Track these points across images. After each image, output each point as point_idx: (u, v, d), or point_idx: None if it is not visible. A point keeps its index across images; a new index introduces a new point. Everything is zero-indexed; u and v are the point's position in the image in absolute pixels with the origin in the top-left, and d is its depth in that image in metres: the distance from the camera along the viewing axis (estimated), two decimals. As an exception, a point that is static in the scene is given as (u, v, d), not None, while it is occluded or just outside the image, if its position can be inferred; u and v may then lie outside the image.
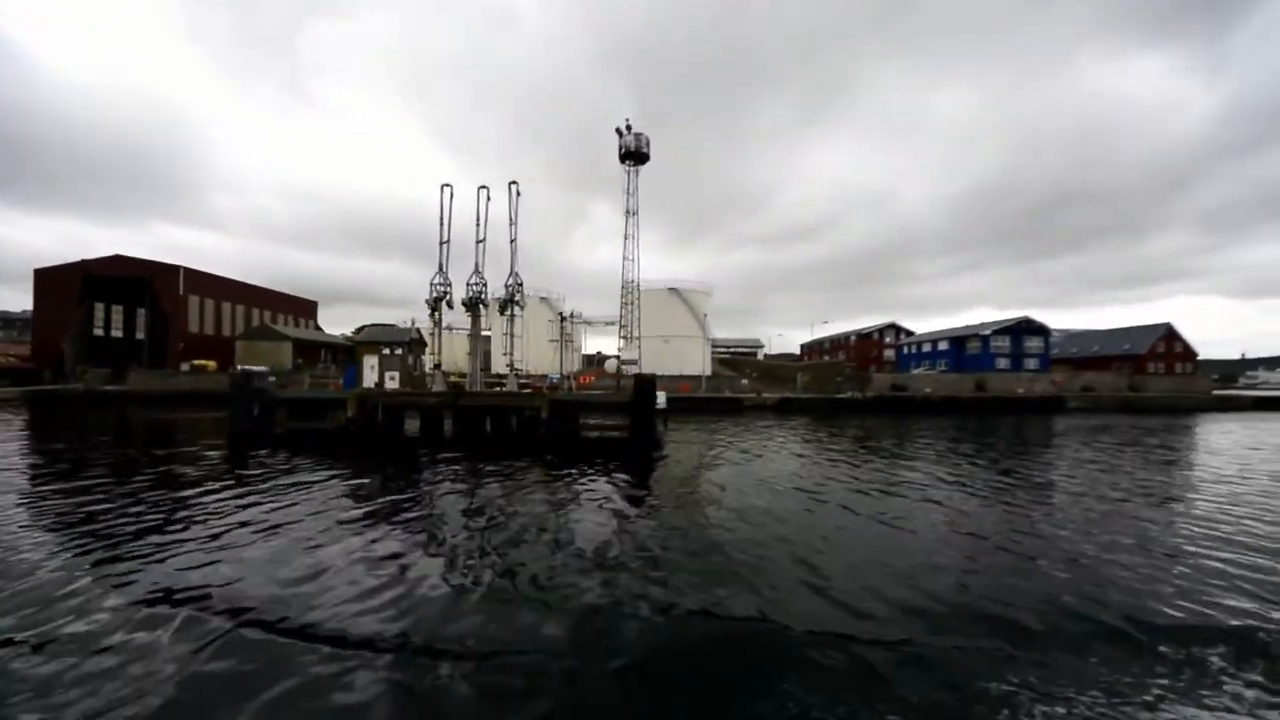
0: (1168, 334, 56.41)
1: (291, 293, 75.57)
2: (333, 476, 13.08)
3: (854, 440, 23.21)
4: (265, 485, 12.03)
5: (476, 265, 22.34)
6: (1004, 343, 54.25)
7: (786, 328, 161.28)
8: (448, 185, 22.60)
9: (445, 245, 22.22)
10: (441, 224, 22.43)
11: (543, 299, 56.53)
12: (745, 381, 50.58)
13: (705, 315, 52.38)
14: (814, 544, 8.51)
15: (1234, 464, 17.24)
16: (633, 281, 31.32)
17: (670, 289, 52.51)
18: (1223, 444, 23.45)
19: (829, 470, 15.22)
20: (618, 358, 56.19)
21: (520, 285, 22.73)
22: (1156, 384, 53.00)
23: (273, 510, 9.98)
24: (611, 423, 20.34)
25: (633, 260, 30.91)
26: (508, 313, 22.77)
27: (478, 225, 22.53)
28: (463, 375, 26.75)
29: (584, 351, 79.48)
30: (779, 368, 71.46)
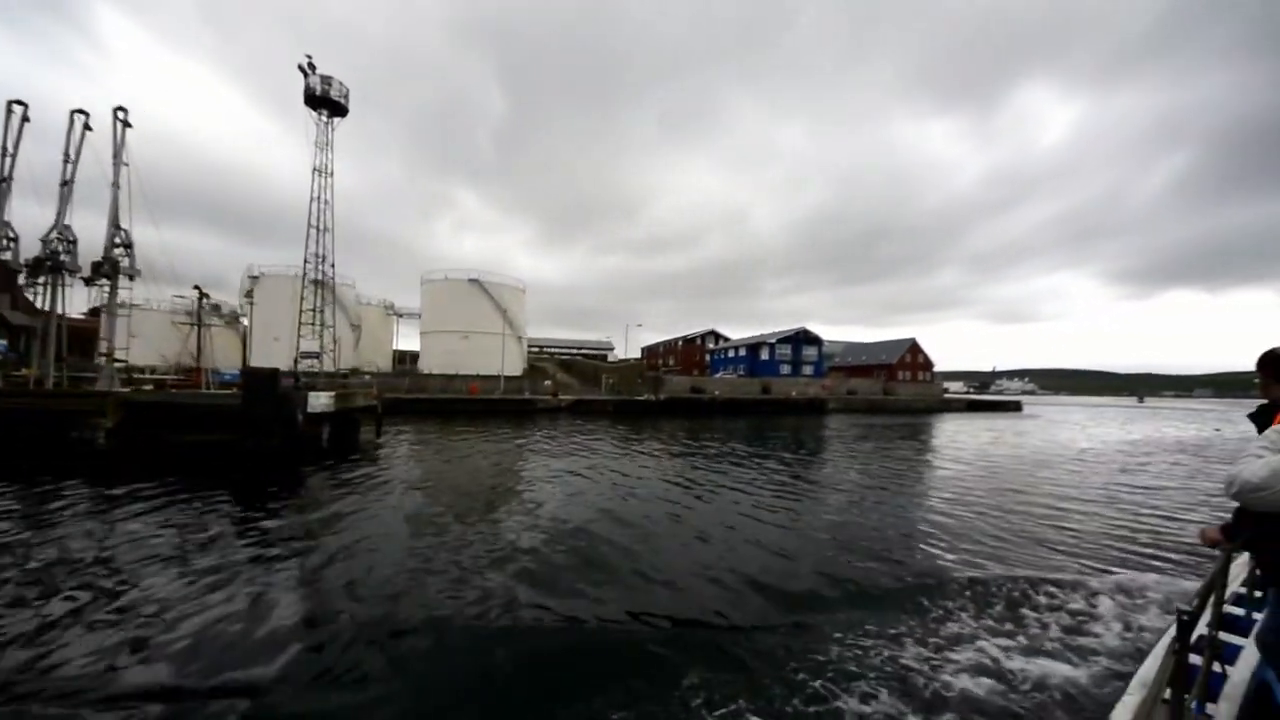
0: (913, 347, 67.49)
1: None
2: None
3: (607, 438, 22.27)
4: None
5: (58, 216, 16.83)
6: (786, 350, 60.04)
7: (655, 332, 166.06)
8: (19, 103, 16.76)
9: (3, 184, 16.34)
10: (5, 154, 16.52)
11: (317, 281, 48.91)
12: (548, 383, 48.84)
13: (507, 310, 49.56)
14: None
15: (946, 449, 22.44)
16: (318, 255, 27.22)
17: (471, 280, 48.79)
18: (938, 435, 28.26)
19: (515, 479, 13.40)
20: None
21: (129, 247, 17.61)
22: (904, 389, 62.68)
23: None
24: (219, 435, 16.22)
25: (322, 229, 26.85)
26: (99, 284, 17.47)
27: (66, 162, 17.03)
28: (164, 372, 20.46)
29: (396, 347, 71.93)
30: (601, 369, 71.66)
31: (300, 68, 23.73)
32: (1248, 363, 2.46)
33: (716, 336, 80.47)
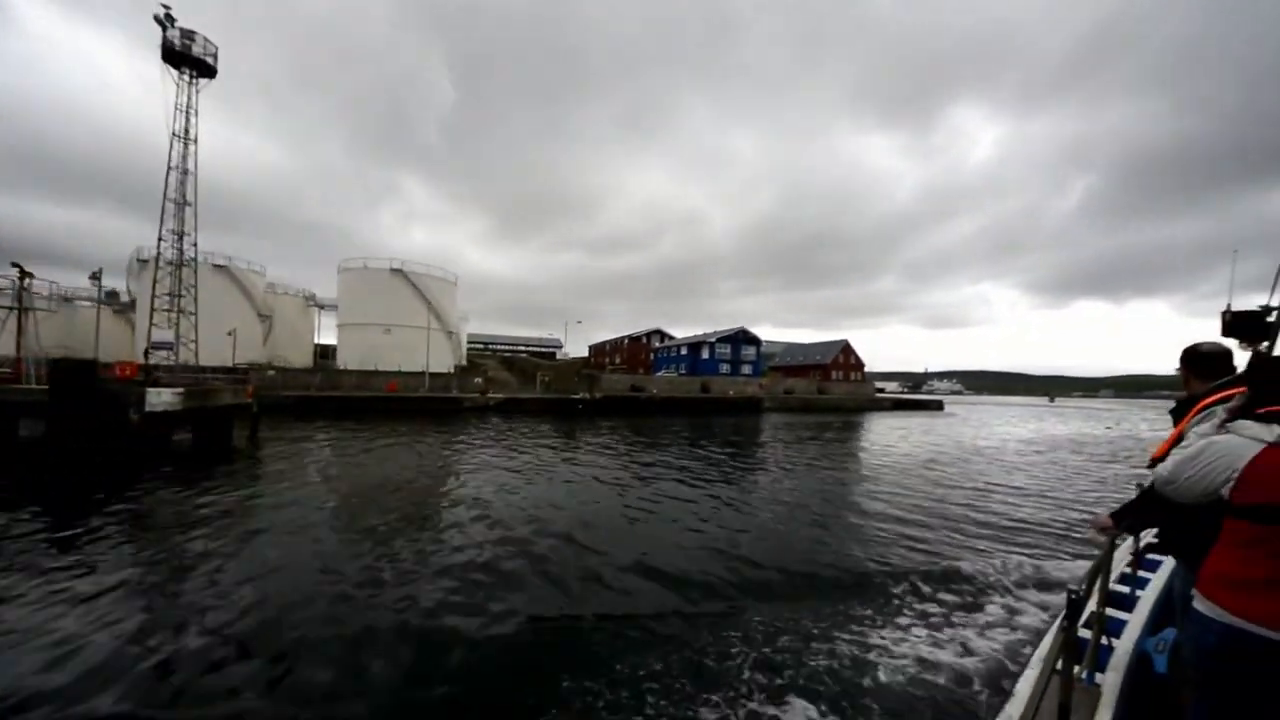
0: (845, 348, 69.70)
1: None
2: None
3: (516, 440, 20.56)
4: None
5: None
6: (726, 350, 60.34)
7: (610, 331, 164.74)
8: None
9: None
10: None
11: (219, 266, 44.40)
12: (478, 380, 46.48)
13: (434, 303, 46.78)
14: None
15: (848, 447, 22.79)
16: (176, 232, 24.26)
17: (394, 270, 45.65)
18: (851, 434, 28.45)
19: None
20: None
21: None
22: (837, 388, 64.40)
23: None
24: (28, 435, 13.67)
25: (183, 203, 23.88)
26: None
27: None
28: None
29: (318, 340, 66.98)
30: (540, 367, 69.73)
31: (157, 19, 20.48)
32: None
33: (662, 335, 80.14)
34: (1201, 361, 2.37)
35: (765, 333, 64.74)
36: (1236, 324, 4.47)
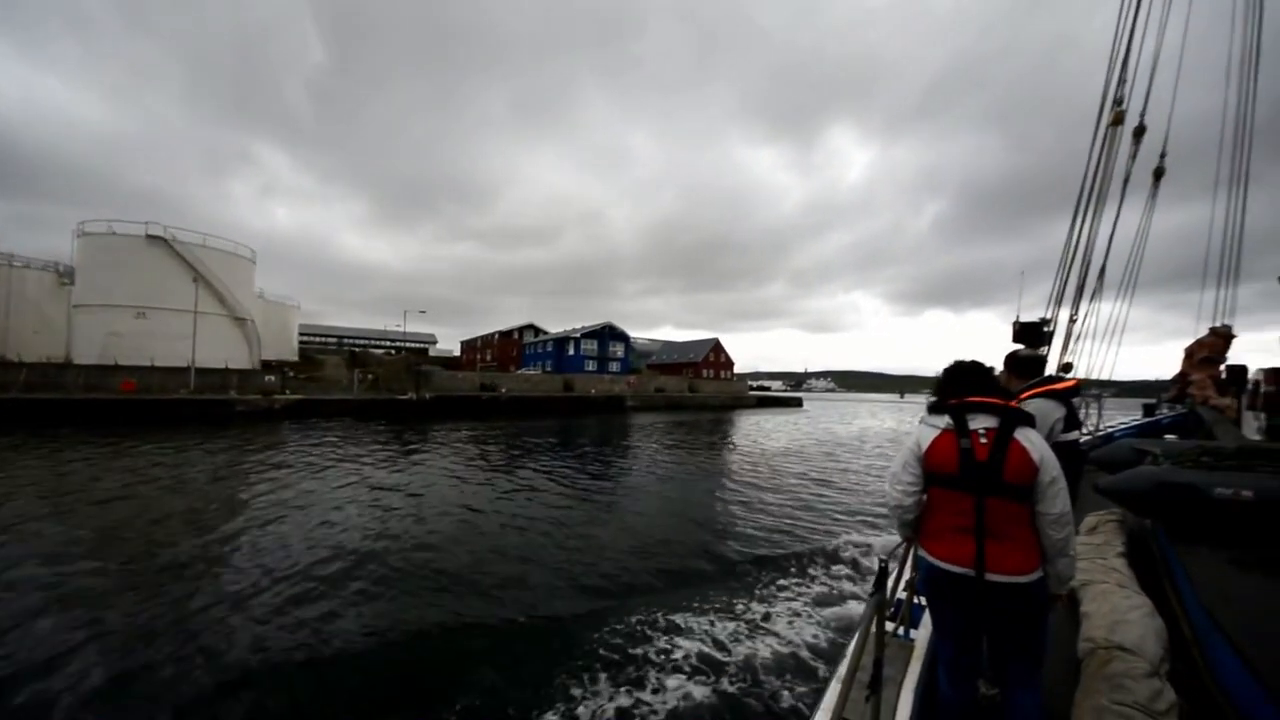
0: (715, 346, 69.72)
1: None
2: None
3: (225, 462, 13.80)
4: None
5: None
6: (592, 346, 56.68)
7: (505, 325, 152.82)
8: None
9: None
10: None
11: None
12: (271, 379, 37.81)
13: (210, 281, 37.15)
14: None
15: (664, 449, 20.66)
16: None
17: (152, 236, 35.40)
18: (684, 434, 26.86)
19: None
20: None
21: None
22: (707, 386, 63.62)
23: None
24: None
25: None
26: None
27: None
28: None
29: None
30: (387, 363, 61.52)
31: None
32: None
33: (536, 330, 74.69)
34: (1022, 365, 3.17)
35: (666, 333, 62.55)
36: (1022, 332, 5.87)
